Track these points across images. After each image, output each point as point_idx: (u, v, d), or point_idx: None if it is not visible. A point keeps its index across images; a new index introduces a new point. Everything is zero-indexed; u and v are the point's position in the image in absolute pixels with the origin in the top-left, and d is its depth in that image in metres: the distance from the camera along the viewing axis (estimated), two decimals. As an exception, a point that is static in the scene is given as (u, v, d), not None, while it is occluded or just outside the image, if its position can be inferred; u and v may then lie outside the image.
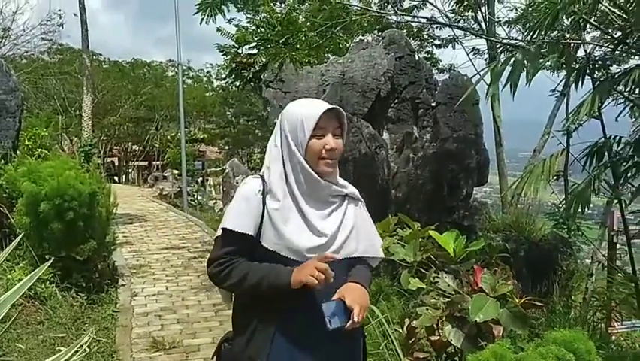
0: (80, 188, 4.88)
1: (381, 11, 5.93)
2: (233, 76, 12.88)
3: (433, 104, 6.90)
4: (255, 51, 12.05)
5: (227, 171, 10.99)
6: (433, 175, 6.33)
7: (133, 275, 6.45)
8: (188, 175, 14.19)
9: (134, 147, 27.84)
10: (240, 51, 12.29)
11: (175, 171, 16.71)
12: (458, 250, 2.90)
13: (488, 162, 6.96)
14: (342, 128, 1.68)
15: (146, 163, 27.56)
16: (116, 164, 27.61)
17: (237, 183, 10.73)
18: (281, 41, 9.16)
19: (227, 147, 22.40)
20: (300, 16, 10.15)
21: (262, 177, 1.68)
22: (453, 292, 2.48)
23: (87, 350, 3.88)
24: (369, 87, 6.65)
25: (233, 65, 12.21)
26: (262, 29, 12.11)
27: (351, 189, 1.75)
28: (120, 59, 26.04)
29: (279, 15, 11.31)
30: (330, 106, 1.63)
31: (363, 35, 7.94)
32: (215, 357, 1.77)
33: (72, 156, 10.61)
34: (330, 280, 1.52)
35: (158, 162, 25.36)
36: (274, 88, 7.86)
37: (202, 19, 5.51)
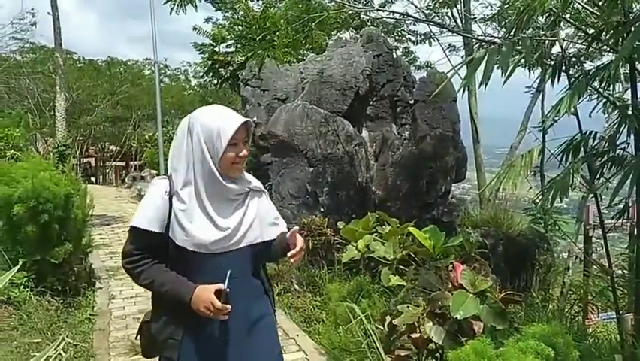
0: (54, 190, 4.77)
1: (358, 7, 5.91)
2: (211, 74, 12.82)
3: (411, 102, 6.93)
4: (232, 49, 12.00)
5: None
6: (411, 172, 6.36)
7: (110, 278, 6.33)
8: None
9: (111, 147, 27.38)
10: (217, 49, 12.22)
11: (153, 171, 16.50)
12: (437, 247, 2.91)
13: (466, 159, 7.03)
14: (249, 137, 1.84)
15: (123, 163, 27.16)
16: (93, 164, 27.15)
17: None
18: (258, 39, 9.11)
19: (206, 146, 22.11)
20: (277, 13, 10.08)
21: (170, 177, 1.81)
22: (433, 289, 2.48)
23: (63, 354, 3.79)
24: (348, 85, 6.65)
25: (210, 63, 12.14)
26: (239, 27, 12.06)
27: (254, 183, 1.91)
28: (95, 58, 25.59)
29: (256, 13, 11.26)
30: (243, 120, 1.78)
31: (340, 33, 7.94)
32: (138, 336, 1.95)
33: (46, 157, 10.38)
34: (223, 317, 1.71)
35: (135, 162, 25.01)
36: (252, 86, 7.81)
37: (172, 9, 5.43)
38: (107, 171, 27.80)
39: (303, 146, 6.03)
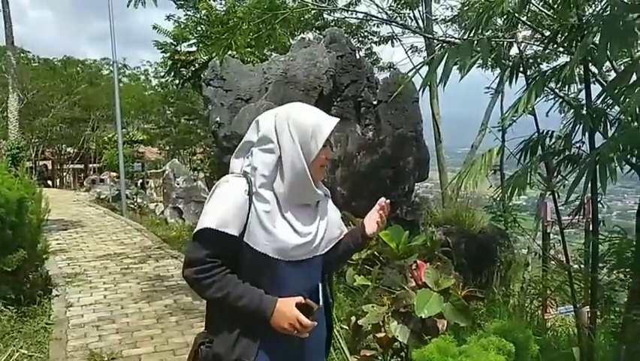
0: (6, 194, 4.58)
1: (321, 6, 5.91)
2: (173, 74, 12.58)
3: (375, 103, 6.97)
4: (194, 48, 11.81)
5: (167, 172, 10.69)
6: (375, 172, 6.40)
7: (68, 285, 6.12)
8: (127, 177, 13.69)
9: (68, 149, 26.55)
10: (178, 48, 12.00)
11: (113, 174, 16.07)
12: (401, 246, 2.93)
13: (428, 158, 7.13)
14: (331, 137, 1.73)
15: (81, 166, 26.38)
16: (49, 167, 26.25)
17: (178, 184, 10.48)
18: (222, 38, 9.00)
19: (167, 148, 21.79)
20: (239, 11, 9.98)
21: (245, 176, 1.64)
22: (398, 289, 2.49)
23: (17, 366, 3.63)
24: (312, 85, 6.63)
25: (172, 63, 11.91)
26: (202, 27, 11.87)
27: (324, 188, 1.80)
28: (51, 57, 24.74)
29: (219, 12, 11.12)
30: (337, 119, 1.68)
31: (303, 33, 7.92)
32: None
33: (-2, 160, 9.95)
34: (305, 335, 1.57)
35: (94, 165, 24.34)
36: (215, 86, 7.69)
37: (130, 2, 5.30)
38: (65, 174, 26.97)
39: (266, 146, 5.98)
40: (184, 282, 1.69)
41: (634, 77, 2.66)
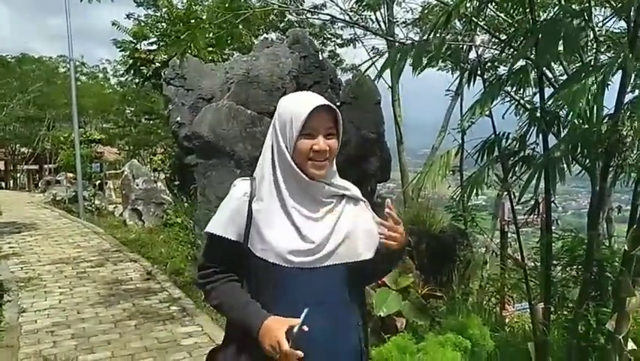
0: (-49, 195, 4.36)
1: (283, 6, 5.90)
2: (132, 72, 12.28)
3: (338, 104, 7.00)
4: (154, 47, 11.57)
5: (125, 173, 10.42)
6: (339, 172, 6.42)
7: (21, 289, 5.89)
8: (84, 179, 13.29)
9: (22, 150, 25.57)
10: (138, 47, 11.73)
11: (70, 175, 15.58)
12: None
13: (390, 160, 7.22)
14: (338, 126, 1.55)
15: (36, 167, 25.48)
16: (2, 168, 25.23)
17: (137, 185, 10.23)
18: (182, 37, 8.86)
19: (127, 148, 21.26)
20: (201, 11, 9.85)
21: (252, 178, 1.57)
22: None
23: (-37, 376, 3.46)
24: (275, 86, 6.60)
25: (131, 61, 11.64)
26: (163, 25, 11.64)
27: (352, 190, 1.63)
28: (4, 54, 23.77)
29: (180, 11, 10.94)
30: (320, 103, 1.50)
31: (266, 33, 7.89)
32: None
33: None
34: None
35: (50, 165, 23.52)
36: (176, 85, 7.55)
37: None
38: (19, 175, 25.97)
39: (229, 147, 5.92)
40: (143, 285, 1.62)
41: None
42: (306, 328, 1.37)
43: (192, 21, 9.01)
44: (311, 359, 1.42)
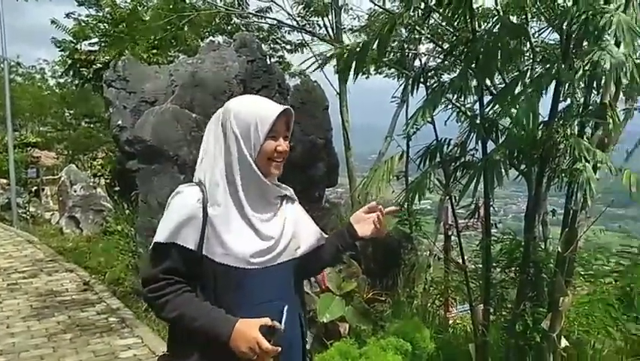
0: None
1: (229, 9, 5.83)
2: (72, 73, 11.76)
3: (286, 108, 6.99)
4: (96, 48, 11.14)
5: (62, 178, 9.94)
6: (286, 178, 6.38)
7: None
8: (19, 185, 12.58)
9: (-52, 154, 23.90)
10: (78, 47, 11.24)
11: (3, 181, 14.70)
12: (307, 251, 2.92)
13: (338, 165, 7.25)
14: (289, 129, 1.64)
15: (-36, 172, 23.88)
16: None
17: (75, 191, 9.77)
18: (123, 37, 8.60)
19: (66, 152, 20.31)
20: (145, 12, 9.59)
21: (199, 184, 1.54)
22: (302, 294, 2.47)
23: None
24: (221, 89, 6.50)
25: (71, 62, 11.14)
26: (105, 25, 11.23)
27: (289, 190, 1.72)
28: None
29: (123, 11, 10.60)
30: (283, 108, 1.58)
31: (213, 36, 7.77)
32: None
33: None
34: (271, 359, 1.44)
35: (-20, 171, 22.11)
36: (117, 88, 7.30)
37: None
38: (-56, 181, 24.25)
39: (173, 152, 5.75)
40: (80, 296, 1.54)
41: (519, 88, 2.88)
42: (282, 325, 1.42)
43: (135, 22, 8.73)
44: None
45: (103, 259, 7.15)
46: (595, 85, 2.98)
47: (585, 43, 2.96)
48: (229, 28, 10.93)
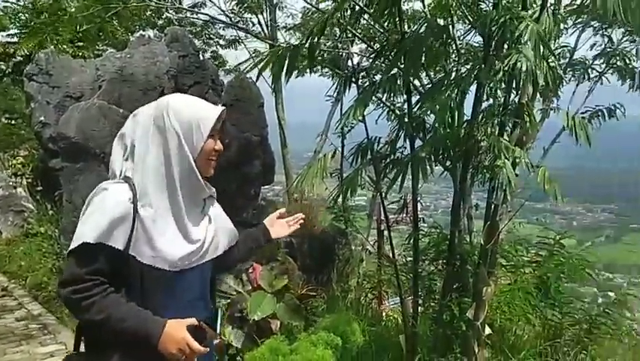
0: None
1: (160, 3, 5.67)
2: (-12, 66, 10.98)
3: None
4: (15, 39, 10.45)
5: (-23, 178, 9.25)
6: (221, 176, 6.28)
7: None
8: None
9: None
10: (-6, 38, 10.51)
11: None
12: (238, 250, 2.90)
13: (274, 163, 7.23)
14: (222, 130, 1.66)
15: None
16: None
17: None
18: (48, 29, 8.15)
19: (-16, 150, 18.95)
20: (69, 2, 9.12)
21: (127, 182, 1.48)
22: (233, 293, 2.46)
23: None
24: (152, 85, 6.30)
25: (-14, 54, 10.39)
26: (26, 15, 10.57)
27: (213, 189, 1.70)
28: None
29: (45, 1, 10.03)
30: (222, 108, 1.61)
31: (143, 30, 7.52)
32: None
33: None
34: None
35: None
36: (39, 82, 6.90)
37: None
38: None
39: (99, 149, 5.51)
40: None
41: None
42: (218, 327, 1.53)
43: (58, 12, 8.28)
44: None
45: (24, 262, 6.74)
46: (514, 86, 3.16)
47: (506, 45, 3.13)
48: (161, 22, 10.61)
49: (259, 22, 9.19)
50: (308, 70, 9.10)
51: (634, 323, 4.67)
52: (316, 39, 3.21)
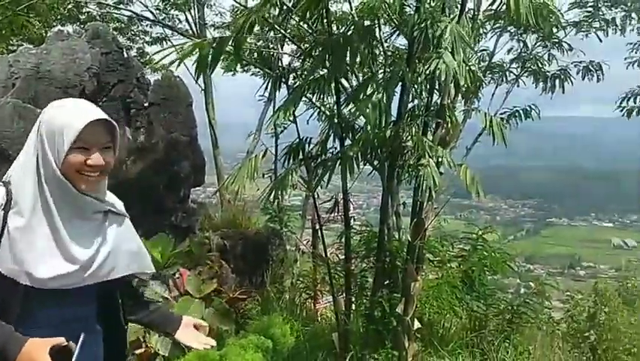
0: None
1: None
2: None
3: (146, 105, 6.63)
4: None
5: None
6: (148, 178, 6.09)
7: None
8: None
9: None
10: None
11: None
12: (164, 255, 2.82)
13: (204, 163, 7.08)
14: (114, 140, 1.49)
15: None
16: None
17: None
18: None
19: None
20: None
21: (6, 185, 1.38)
22: (161, 300, 2.38)
23: None
24: (72, 83, 5.96)
25: None
26: None
27: (116, 205, 1.57)
28: None
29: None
30: (98, 117, 1.41)
31: (62, 25, 7.11)
32: None
33: None
34: None
35: None
36: (-59, 79, 6.33)
37: None
38: None
39: (12, 150, 5.15)
40: None
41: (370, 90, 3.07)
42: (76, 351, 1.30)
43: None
44: None
45: None
46: (437, 87, 3.28)
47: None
48: (82, 17, 10.07)
49: (187, 20, 8.99)
50: (238, 68, 9.02)
51: (551, 310, 5.00)
52: (244, 34, 3.18)
